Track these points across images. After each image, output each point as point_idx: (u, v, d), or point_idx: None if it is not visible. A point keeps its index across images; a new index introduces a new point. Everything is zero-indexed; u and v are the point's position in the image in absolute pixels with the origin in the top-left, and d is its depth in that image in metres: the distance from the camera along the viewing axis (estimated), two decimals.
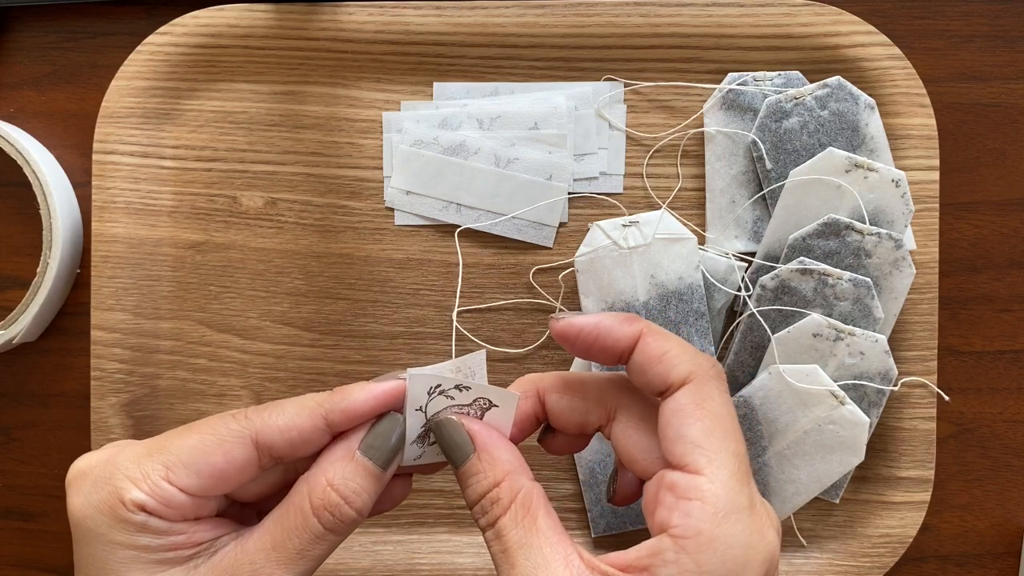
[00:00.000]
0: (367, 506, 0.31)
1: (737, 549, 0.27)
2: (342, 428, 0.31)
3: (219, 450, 0.30)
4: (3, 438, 0.46)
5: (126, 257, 0.43)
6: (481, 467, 0.31)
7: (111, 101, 0.43)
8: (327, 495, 0.30)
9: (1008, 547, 0.45)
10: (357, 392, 0.31)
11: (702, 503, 0.28)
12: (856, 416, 0.40)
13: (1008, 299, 0.45)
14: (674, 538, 0.28)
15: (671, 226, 0.41)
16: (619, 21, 0.43)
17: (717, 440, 0.29)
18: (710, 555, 0.27)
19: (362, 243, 0.44)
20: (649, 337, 0.31)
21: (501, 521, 0.30)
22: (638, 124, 0.44)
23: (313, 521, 0.30)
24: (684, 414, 0.29)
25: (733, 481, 0.28)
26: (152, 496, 0.30)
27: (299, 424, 0.31)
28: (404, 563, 0.44)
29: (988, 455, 0.45)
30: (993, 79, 0.45)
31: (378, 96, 0.44)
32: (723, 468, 0.28)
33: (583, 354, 0.32)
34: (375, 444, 0.31)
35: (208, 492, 0.31)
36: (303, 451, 0.31)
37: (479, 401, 0.32)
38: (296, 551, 0.30)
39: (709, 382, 0.30)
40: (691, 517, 0.28)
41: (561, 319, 0.32)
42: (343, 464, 0.30)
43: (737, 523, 0.28)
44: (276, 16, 0.43)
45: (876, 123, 0.42)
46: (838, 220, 0.41)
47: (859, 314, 0.41)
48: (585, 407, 0.32)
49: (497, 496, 0.30)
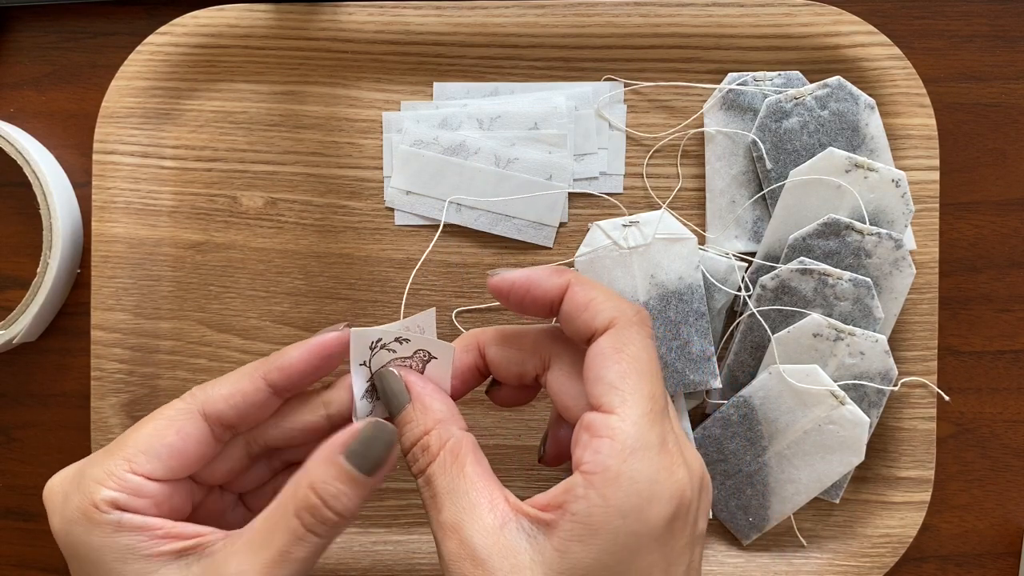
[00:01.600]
0: (349, 510, 0.30)
1: (642, 484, 0.28)
2: (283, 387, 0.32)
3: (171, 430, 0.31)
4: (3, 438, 0.46)
5: (126, 257, 0.43)
6: (414, 415, 0.32)
7: (111, 101, 0.43)
8: (307, 497, 0.30)
9: (1008, 547, 0.45)
10: (292, 349, 0.32)
11: (611, 440, 0.29)
12: (856, 416, 0.40)
13: (1008, 299, 0.45)
14: (584, 474, 0.28)
15: (671, 226, 0.41)
16: (619, 21, 0.43)
17: (632, 382, 0.30)
18: (615, 490, 0.28)
19: (362, 243, 0.44)
20: (576, 287, 0.32)
21: (430, 468, 0.31)
22: (638, 124, 0.44)
23: (295, 522, 0.30)
24: (604, 357, 0.30)
25: (644, 420, 0.29)
26: (121, 490, 0.30)
27: (240, 388, 0.32)
28: (404, 563, 0.44)
29: (988, 455, 0.45)
30: (993, 79, 0.45)
31: (378, 96, 0.44)
32: (634, 408, 0.29)
33: (518, 307, 0.33)
34: (358, 450, 0.31)
35: (173, 474, 0.31)
36: (252, 416, 0.32)
37: (419, 353, 0.33)
38: (279, 552, 0.30)
39: (630, 327, 0.31)
40: (600, 454, 0.28)
41: (497, 274, 0.33)
42: (325, 467, 0.31)
43: (643, 460, 0.28)
44: (276, 16, 0.43)
45: (876, 123, 0.42)
46: (838, 220, 0.41)
47: (859, 314, 0.41)
48: (521, 357, 0.33)
49: (427, 444, 0.31)
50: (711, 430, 0.42)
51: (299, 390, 0.33)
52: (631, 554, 0.28)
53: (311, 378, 0.33)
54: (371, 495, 0.32)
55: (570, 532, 0.28)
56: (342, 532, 0.31)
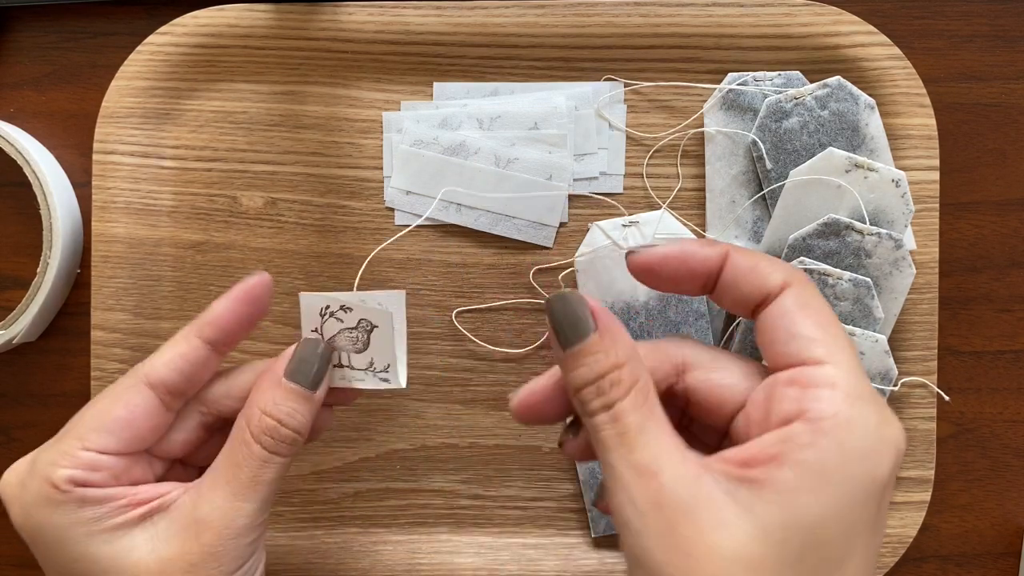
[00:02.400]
0: (303, 426, 0.32)
1: (873, 428, 0.26)
2: (218, 340, 0.33)
3: (118, 403, 0.32)
4: (3, 438, 0.46)
5: (126, 257, 0.43)
6: (603, 346, 0.28)
7: (111, 101, 0.43)
8: (263, 421, 0.32)
9: (1008, 547, 0.45)
10: (218, 302, 0.33)
11: (832, 389, 0.27)
12: None
13: (1008, 299, 0.45)
14: (809, 421, 0.26)
15: (671, 226, 0.41)
16: (619, 21, 0.43)
17: (833, 332, 0.28)
18: (849, 434, 0.26)
19: (362, 243, 0.44)
20: (736, 254, 0.30)
21: (621, 404, 0.27)
22: (638, 124, 0.44)
23: (256, 448, 0.32)
24: (792, 314, 0.28)
25: (858, 369, 0.27)
26: (77, 467, 0.31)
27: (179, 351, 0.33)
28: (404, 563, 0.44)
29: (988, 455, 0.45)
30: (993, 79, 0.45)
31: (378, 96, 0.44)
32: (844, 355, 0.27)
33: (670, 283, 0.31)
34: (299, 368, 0.33)
35: (127, 446, 0.32)
36: (196, 376, 0.33)
37: (363, 323, 0.34)
38: (248, 480, 0.31)
39: (807, 286, 0.29)
40: (823, 401, 0.26)
41: (639, 251, 0.30)
42: (272, 391, 0.32)
43: (869, 406, 0.27)
44: (276, 16, 0.43)
45: (876, 123, 0.42)
46: (838, 220, 0.41)
47: (859, 314, 0.41)
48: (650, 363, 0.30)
49: (619, 378, 0.28)
50: None
51: (235, 342, 0.34)
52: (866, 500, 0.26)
53: (242, 326, 0.34)
54: (317, 408, 0.33)
55: (795, 483, 0.26)
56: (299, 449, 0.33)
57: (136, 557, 0.31)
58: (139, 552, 0.31)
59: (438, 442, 0.44)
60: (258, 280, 0.33)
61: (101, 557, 0.31)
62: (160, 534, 0.31)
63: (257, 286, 0.33)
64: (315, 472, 0.44)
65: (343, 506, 0.44)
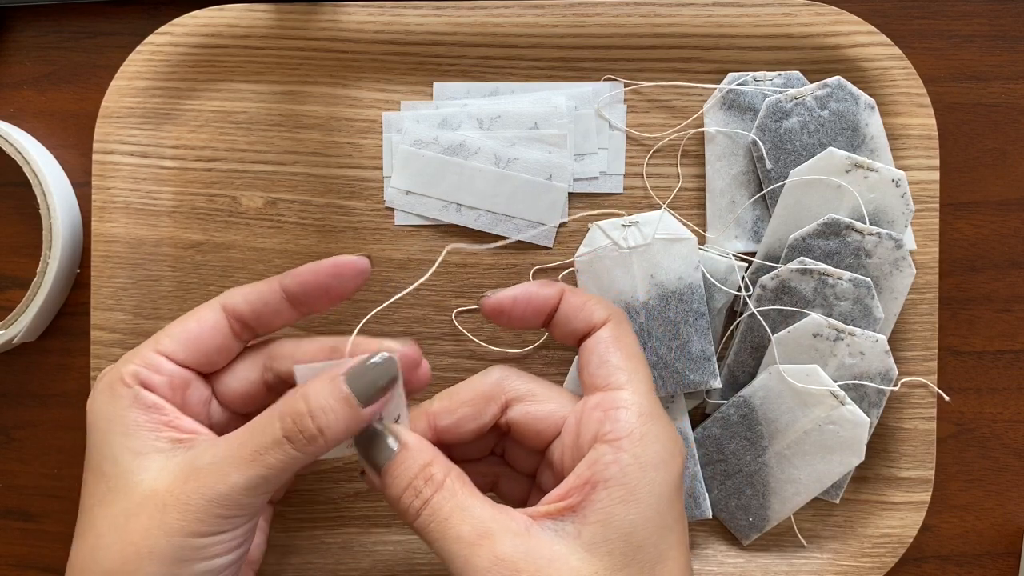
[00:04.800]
0: (331, 429, 0.31)
1: (663, 441, 0.32)
2: (296, 295, 0.35)
3: (193, 318, 0.35)
4: (3, 438, 0.46)
5: (126, 257, 0.43)
6: (408, 455, 0.32)
7: (111, 101, 0.43)
8: (296, 403, 0.31)
9: (1008, 547, 0.45)
10: (308, 264, 0.35)
11: (627, 410, 0.32)
12: (856, 416, 0.40)
13: (1008, 299, 0.45)
14: (610, 442, 0.31)
15: (671, 226, 0.41)
16: (619, 21, 0.43)
17: (634, 363, 0.34)
18: (644, 447, 0.31)
19: (362, 243, 0.44)
20: (569, 293, 0.35)
21: (436, 496, 0.31)
22: (638, 124, 0.44)
23: (276, 425, 0.31)
24: (606, 344, 0.34)
25: (649, 393, 0.33)
26: (143, 365, 0.33)
27: (259, 288, 0.35)
28: (404, 563, 0.44)
29: (988, 455, 0.45)
30: (993, 79, 0.45)
31: (378, 96, 0.44)
32: (641, 383, 0.33)
33: (519, 322, 0.36)
34: (360, 373, 0.32)
35: (192, 357, 0.34)
36: (266, 317, 0.35)
37: None
38: (251, 452, 0.31)
39: (623, 323, 0.35)
40: (620, 422, 0.32)
41: (492, 296, 0.35)
42: (323, 382, 0.31)
43: (658, 423, 0.32)
44: (276, 16, 0.43)
45: (876, 123, 0.42)
46: (838, 220, 0.41)
47: (859, 314, 0.41)
48: (476, 410, 0.35)
49: (430, 474, 0.31)
50: (711, 430, 0.42)
51: (312, 305, 0.35)
52: (668, 503, 0.31)
53: (322, 295, 0.35)
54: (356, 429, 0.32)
55: (608, 498, 0.30)
56: (316, 456, 0.31)
57: (142, 477, 0.31)
58: (147, 474, 0.31)
59: None
60: (354, 260, 0.35)
61: (121, 461, 0.32)
62: (168, 465, 0.31)
63: (349, 264, 0.35)
64: (315, 472, 0.44)
65: (343, 506, 0.44)
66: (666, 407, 0.42)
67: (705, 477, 0.43)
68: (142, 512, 0.31)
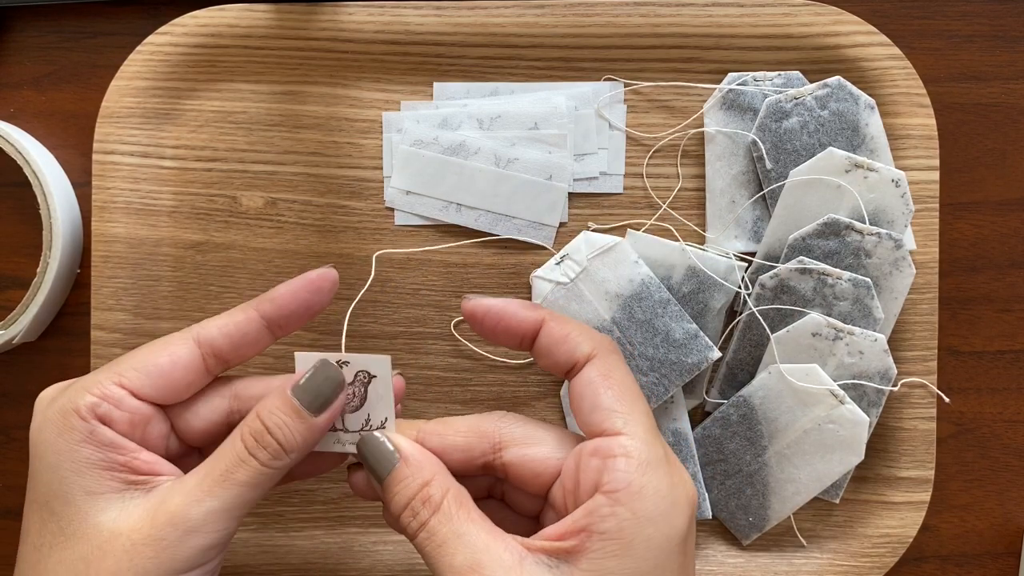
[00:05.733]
0: (290, 442, 0.31)
1: (663, 493, 0.30)
2: (274, 319, 0.34)
3: (164, 351, 0.33)
4: (3, 438, 0.46)
5: (126, 257, 0.43)
6: (408, 471, 0.32)
7: (111, 101, 0.43)
8: (254, 423, 0.32)
9: (1008, 547, 0.45)
10: (282, 284, 0.34)
11: (626, 458, 0.30)
12: (856, 415, 0.40)
13: (1008, 299, 0.45)
14: (607, 494, 0.30)
15: (596, 241, 0.42)
16: (619, 21, 0.43)
17: (628, 403, 0.31)
18: (642, 501, 0.29)
19: (362, 243, 0.44)
20: (552, 322, 0.33)
21: (433, 519, 0.31)
22: (638, 124, 0.44)
23: (239, 444, 0.31)
24: (595, 385, 0.32)
25: (649, 436, 0.31)
26: (104, 399, 0.31)
27: (234, 319, 0.34)
28: (404, 563, 0.44)
29: (988, 455, 0.45)
30: (993, 79, 0.45)
31: (378, 96, 0.44)
32: (638, 427, 0.31)
33: (490, 335, 0.34)
34: (305, 386, 0.32)
35: (159, 394, 0.32)
36: (243, 349, 0.34)
37: (360, 375, 0.34)
38: (220, 474, 0.31)
39: (611, 356, 0.33)
40: (618, 471, 0.30)
41: (472, 299, 0.34)
42: (274, 399, 0.32)
43: (659, 472, 0.30)
44: (276, 16, 0.43)
45: (876, 123, 0.42)
46: (838, 220, 0.41)
47: (859, 314, 0.41)
48: (468, 443, 0.33)
49: (428, 495, 0.31)
50: (711, 430, 0.42)
51: (290, 326, 0.35)
52: (664, 559, 0.30)
53: (301, 313, 0.34)
54: (316, 437, 0.32)
55: (602, 550, 0.29)
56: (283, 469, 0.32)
57: (100, 519, 0.30)
58: (105, 516, 0.30)
59: None
60: (325, 272, 0.34)
61: (74, 501, 0.30)
62: (128, 507, 0.31)
63: (322, 278, 0.34)
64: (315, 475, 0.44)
65: (343, 506, 0.44)
66: (666, 407, 0.42)
67: (705, 477, 0.43)
68: (106, 556, 0.30)
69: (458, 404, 0.44)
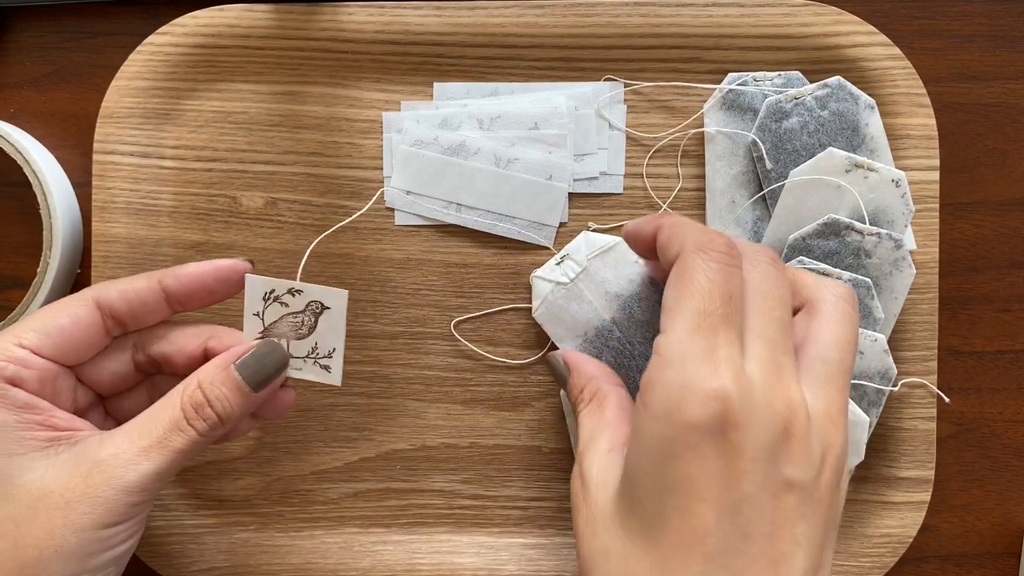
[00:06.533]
0: (229, 415, 0.33)
1: (672, 388, 0.28)
2: (175, 294, 0.35)
3: (64, 312, 0.34)
4: None
5: (126, 257, 0.43)
6: (573, 381, 0.38)
7: (111, 101, 0.43)
8: (195, 393, 0.33)
9: (1008, 547, 0.45)
10: (192, 264, 0.35)
11: (657, 356, 0.30)
12: (856, 415, 0.40)
13: (1008, 299, 0.45)
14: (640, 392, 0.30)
15: (596, 241, 0.42)
16: (619, 21, 0.43)
17: (682, 301, 0.30)
18: (651, 397, 0.29)
19: (362, 243, 0.44)
20: (665, 228, 0.33)
21: (578, 410, 0.36)
22: (638, 124, 0.44)
23: (178, 413, 0.32)
24: (668, 286, 0.31)
25: (687, 333, 0.29)
26: (10, 361, 0.32)
27: (135, 285, 0.35)
28: (404, 563, 0.44)
29: (988, 455, 0.45)
30: (993, 79, 0.45)
31: (378, 96, 0.44)
32: (679, 323, 0.29)
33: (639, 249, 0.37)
34: (249, 363, 0.34)
35: (61, 354, 0.33)
36: (141, 314, 0.35)
37: (312, 305, 0.35)
38: (157, 438, 0.32)
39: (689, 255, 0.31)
40: (649, 370, 0.30)
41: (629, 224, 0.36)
42: (216, 371, 0.34)
43: (679, 367, 0.28)
44: (276, 16, 0.43)
45: (876, 123, 0.42)
46: (838, 220, 0.41)
47: (859, 314, 0.41)
48: None
49: (582, 397, 0.36)
50: None
51: (191, 305, 0.36)
52: (665, 459, 0.28)
53: (202, 295, 0.35)
54: (252, 407, 0.35)
55: (629, 444, 0.31)
56: (216, 437, 0.34)
57: (26, 479, 0.31)
58: (31, 475, 0.31)
59: (438, 442, 0.44)
60: (236, 264, 0.35)
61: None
62: (56, 463, 0.31)
63: (228, 268, 0.35)
64: (315, 472, 0.44)
65: (343, 506, 0.44)
66: None
67: None
68: (38, 513, 0.30)
69: (458, 404, 0.44)
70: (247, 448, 0.44)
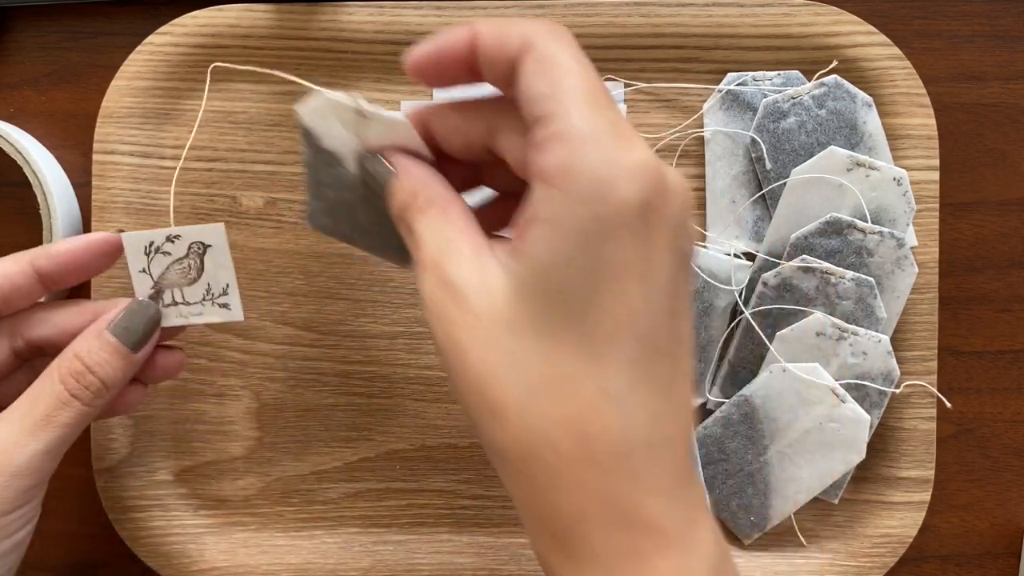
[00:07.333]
0: (112, 379, 0.33)
1: (600, 167, 0.26)
2: (49, 275, 0.34)
3: None
4: None
5: None
6: (399, 183, 0.30)
7: (111, 101, 0.43)
8: (73, 363, 0.32)
9: (1008, 547, 0.45)
10: (63, 241, 0.34)
11: (556, 139, 0.26)
12: (857, 414, 0.40)
13: (1008, 299, 0.45)
14: (539, 179, 0.26)
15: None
16: (619, 21, 0.43)
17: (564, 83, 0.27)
18: (573, 179, 0.26)
19: None
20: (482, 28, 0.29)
21: (415, 220, 0.29)
22: (638, 124, 0.44)
23: (59, 387, 0.32)
24: (529, 77, 0.27)
25: (587, 110, 0.26)
26: None
27: (5, 269, 0.33)
28: (404, 563, 0.44)
29: (988, 455, 0.45)
30: (993, 79, 0.45)
31: (378, 96, 0.44)
32: (572, 104, 0.26)
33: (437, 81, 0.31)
34: (123, 324, 0.33)
35: None
36: (14, 299, 0.34)
37: (193, 247, 0.35)
38: (42, 416, 0.31)
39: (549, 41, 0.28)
40: (549, 154, 0.26)
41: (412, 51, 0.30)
42: (91, 338, 0.33)
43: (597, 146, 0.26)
44: (276, 16, 0.43)
45: (874, 121, 0.42)
46: (840, 219, 0.41)
47: (861, 314, 0.41)
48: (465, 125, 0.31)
49: (413, 200, 0.30)
50: (712, 429, 0.42)
51: (65, 283, 0.35)
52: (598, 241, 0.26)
53: (77, 272, 0.34)
54: (134, 369, 0.34)
55: (537, 237, 0.26)
56: (102, 404, 0.33)
57: None
58: None
59: (438, 442, 0.44)
60: (109, 237, 0.34)
61: None
62: None
63: (106, 242, 0.34)
64: (315, 472, 0.44)
65: (343, 506, 0.44)
66: None
67: (707, 476, 0.43)
68: None
69: (458, 404, 0.44)
70: (247, 448, 0.44)
